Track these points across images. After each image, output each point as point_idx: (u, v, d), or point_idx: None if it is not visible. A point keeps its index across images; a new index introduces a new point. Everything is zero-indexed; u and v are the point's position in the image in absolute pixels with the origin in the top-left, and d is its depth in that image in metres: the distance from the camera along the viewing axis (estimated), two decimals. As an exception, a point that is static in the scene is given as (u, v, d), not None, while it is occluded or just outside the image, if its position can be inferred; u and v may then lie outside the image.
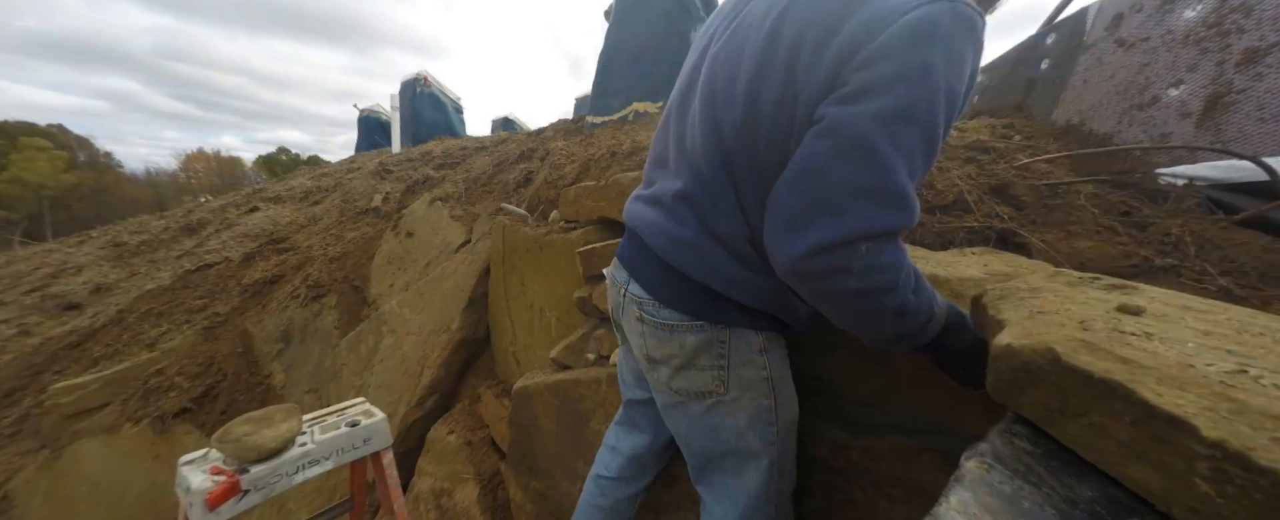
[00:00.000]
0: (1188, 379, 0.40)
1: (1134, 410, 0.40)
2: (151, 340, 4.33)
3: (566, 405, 1.89)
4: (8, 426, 4.05)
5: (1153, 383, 0.40)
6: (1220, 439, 0.34)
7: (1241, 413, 0.36)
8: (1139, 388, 0.40)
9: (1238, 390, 0.38)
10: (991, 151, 1.69)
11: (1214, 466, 0.35)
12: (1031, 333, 0.53)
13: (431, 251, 3.62)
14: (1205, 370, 0.41)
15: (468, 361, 3.03)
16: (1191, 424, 0.36)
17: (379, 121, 10.48)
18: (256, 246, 5.26)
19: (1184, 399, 0.38)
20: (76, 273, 6.27)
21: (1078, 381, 0.44)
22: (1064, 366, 0.46)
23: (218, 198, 8.88)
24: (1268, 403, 0.36)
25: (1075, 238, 1.29)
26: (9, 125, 32.07)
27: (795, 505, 1.27)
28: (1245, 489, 0.33)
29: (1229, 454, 0.34)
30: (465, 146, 6.15)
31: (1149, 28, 1.67)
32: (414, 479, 2.61)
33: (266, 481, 1.37)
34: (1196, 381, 0.40)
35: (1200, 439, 0.35)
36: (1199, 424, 0.35)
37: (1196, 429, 0.35)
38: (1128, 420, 0.40)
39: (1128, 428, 0.40)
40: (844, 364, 1.28)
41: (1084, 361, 0.44)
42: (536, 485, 2.04)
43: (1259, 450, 0.33)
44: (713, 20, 1.01)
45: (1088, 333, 0.50)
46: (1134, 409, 0.40)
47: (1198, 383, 0.40)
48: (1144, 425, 0.39)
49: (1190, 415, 0.36)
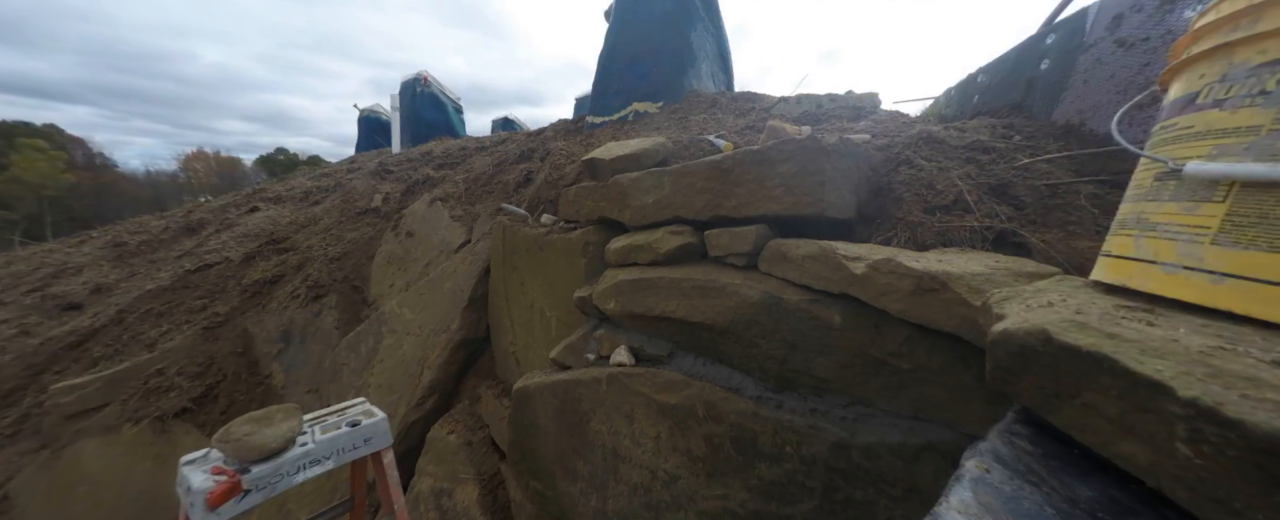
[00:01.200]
0: (1169, 350, 0.41)
1: (1120, 382, 0.41)
2: (151, 340, 4.32)
3: (566, 405, 1.89)
4: (8, 426, 4.04)
5: (1136, 353, 0.41)
6: (1194, 397, 0.36)
7: (1216, 375, 0.37)
8: (1122, 357, 0.41)
9: (1215, 358, 0.39)
10: (991, 151, 1.69)
11: (1190, 426, 0.36)
12: (1027, 318, 0.53)
13: (431, 251, 3.62)
14: (1188, 343, 0.42)
15: (468, 361, 3.03)
16: (1168, 385, 0.37)
17: (379, 121, 10.48)
18: (256, 246, 5.26)
19: (1163, 365, 0.39)
20: (76, 273, 6.27)
21: (1068, 359, 0.45)
22: (1056, 345, 0.47)
23: (218, 198, 8.87)
24: (1242, 368, 0.38)
25: (1075, 238, 1.29)
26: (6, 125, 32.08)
27: (795, 505, 1.27)
28: (1219, 446, 0.35)
29: (1202, 410, 0.35)
30: (465, 146, 6.15)
31: (1149, 28, 1.67)
32: (414, 479, 2.61)
33: (267, 481, 1.37)
34: (1177, 352, 0.41)
35: (1176, 399, 0.36)
36: (1175, 385, 0.37)
37: (1172, 390, 0.37)
38: (1115, 394, 0.41)
39: (1115, 401, 0.41)
40: (844, 364, 1.28)
41: (1073, 338, 0.45)
42: (536, 485, 2.04)
43: (1227, 405, 0.34)
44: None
45: (1081, 315, 0.50)
46: (1120, 380, 0.41)
47: (1178, 353, 0.41)
48: (1129, 396, 0.40)
49: (1167, 379, 0.38)
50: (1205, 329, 0.50)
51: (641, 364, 1.77)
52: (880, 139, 1.93)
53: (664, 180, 1.84)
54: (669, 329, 1.70)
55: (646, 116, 3.52)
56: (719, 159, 1.65)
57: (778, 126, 1.92)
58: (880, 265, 1.15)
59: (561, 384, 1.91)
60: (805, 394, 1.39)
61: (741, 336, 1.46)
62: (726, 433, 1.48)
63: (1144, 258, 0.59)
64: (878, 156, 1.79)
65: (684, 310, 1.60)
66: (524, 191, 3.48)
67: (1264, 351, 0.40)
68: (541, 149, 4.09)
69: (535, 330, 2.49)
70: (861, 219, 1.61)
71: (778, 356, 1.39)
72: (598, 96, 3.97)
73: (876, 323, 1.21)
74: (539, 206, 2.87)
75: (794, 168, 1.46)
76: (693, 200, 1.74)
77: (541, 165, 3.61)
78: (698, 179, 1.72)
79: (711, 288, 1.54)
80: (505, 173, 4.03)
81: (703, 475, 1.54)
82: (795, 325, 1.34)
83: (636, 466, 1.71)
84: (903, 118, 2.47)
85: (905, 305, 1.09)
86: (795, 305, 1.33)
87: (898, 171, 1.69)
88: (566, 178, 2.83)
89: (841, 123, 2.44)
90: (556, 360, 2.07)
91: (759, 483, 1.41)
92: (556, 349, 2.08)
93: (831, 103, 2.81)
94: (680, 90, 3.63)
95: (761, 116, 2.81)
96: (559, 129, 4.71)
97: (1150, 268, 0.57)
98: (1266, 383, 0.36)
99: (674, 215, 1.82)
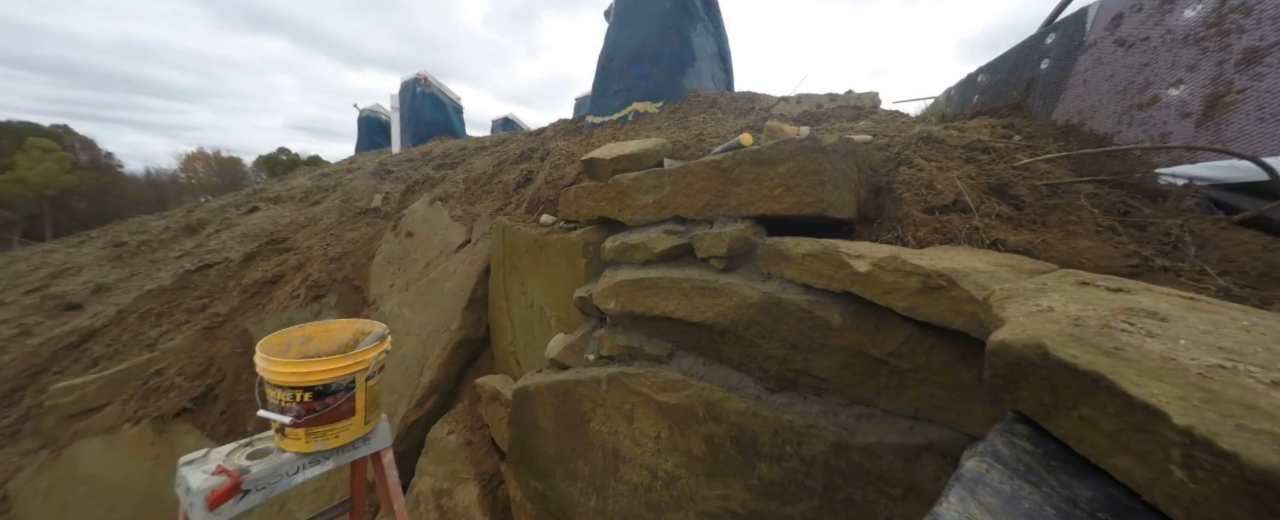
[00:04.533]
0: (1167, 371, 0.41)
1: (1116, 401, 0.41)
2: (151, 340, 4.32)
3: (566, 405, 1.89)
4: (8, 426, 4.04)
5: (1133, 374, 0.41)
6: (1189, 425, 0.36)
7: (1213, 401, 0.37)
8: (1119, 379, 0.41)
9: (1213, 381, 0.39)
10: (991, 151, 1.69)
11: (1185, 453, 0.36)
12: (1025, 329, 0.53)
13: (431, 251, 3.62)
14: (1187, 363, 0.42)
15: (468, 361, 3.03)
16: (1164, 411, 0.37)
17: (379, 121, 10.48)
18: (256, 246, 5.26)
19: (1160, 389, 0.39)
20: (76, 273, 6.27)
21: (1066, 375, 0.45)
22: (1053, 360, 0.46)
23: (218, 198, 8.87)
24: (1240, 393, 0.37)
25: (1075, 238, 1.29)
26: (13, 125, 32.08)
27: (795, 505, 1.27)
28: (1213, 473, 0.34)
29: (1196, 439, 0.35)
30: (465, 146, 6.15)
31: (1149, 28, 1.67)
32: (414, 479, 2.60)
33: (267, 481, 1.37)
34: (1175, 373, 0.41)
35: (1171, 426, 0.36)
36: (1171, 411, 0.37)
37: (1168, 416, 0.37)
38: (1111, 411, 0.41)
39: (1112, 419, 0.41)
40: (844, 364, 1.28)
41: (1070, 355, 0.45)
42: (536, 485, 2.03)
43: (1222, 436, 0.34)
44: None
45: (1079, 328, 0.50)
46: (1116, 400, 0.41)
47: (1176, 375, 0.41)
48: (1125, 416, 0.40)
49: (1163, 404, 0.37)
50: (1207, 337, 0.49)
51: (641, 364, 1.77)
52: (880, 139, 1.93)
53: (664, 180, 1.84)
54: (669, 329, 1.70)
55: (646, 116, 3.52)
56: (719, 159, 1.65)
57: (777, 126, 1.92)
58: (885, 263, 1.14)
59: (561, 384, 1.91)
60: (805, 394, 1.39)
61: (741, 336, 1.46)
62: (726, 433, 1.48)
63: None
64: (878, 156, 1.79)
65: (684, 310, 1.60)
66: (524, 191, 3.48)
67: (1264, 370, 0.40)
68: (541, 149, 4.09)
69: (535, 330, 2.49)
70: (862, 218, 1.61)
71: (778, 356, 1.39)
72: (598, 96, 3.97)
73: (877, 322, 1.21)
74: (539, 206, 2.87)
75: (794, 168, 1.46)
76: (693, 200, 1.74)
77: (541, 165, 3.61)
78: (698, 179, 1.72)
79: (711, 288, 1.54)
80: (505, 173, 4.03)
81: (703, 475, 1.54)
82: (795, 325, 1.33)
83: (636, 466, 1.71)
84: (903, 117, 2.47)
85: (911, 303, 1.09)
86: (795, 305, 1.33)
87: (898, 171, 1.69)
88: (566, 178, 2.83)
89: (841, 123, 2.44)
90: (556, 360, 2.06)
91: (759, 482, 1.41)
92: (557, 349, 2.08)
93: (831, 102, 2.81)
94: (680, 90, 3.63)
95: (762, 116, 2.81)
96: (559, 129, 4.71)
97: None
98: (1263, 411, 0.35)
99: (674, 215, 1.82)
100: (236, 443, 1.52)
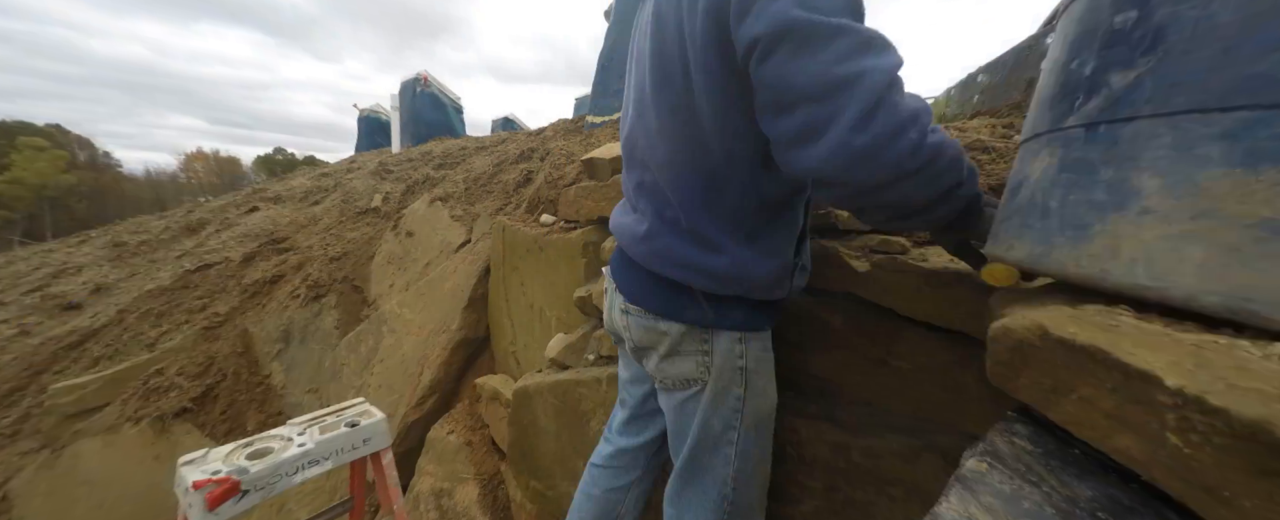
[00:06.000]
0: (1162, 343, 0.42)
1: (1113, 374, 0.41)
2: (151, 340, 4.33)
3: (567, 405, 1.89)
4: (8, 426, 4.05)
5: (1129, 345, 0.42)
6: (1180, 385, 0.36)
7: (1206, 366, 0.37)
8: (1115, 349, 0.41)
9: (1208, 350, 0.40)
10: (991, 151, 1.69)
11: (1178, 415, 0.36)
12: (1026, 314, 0.53)
13: (431, 251, 3.62)
14: (1181, 337, 0.42)
15: (468, 361, 3.03)
16: (1157, 375, 0.38)
17: (379, 121, 10.49)
18: (256, 246, 5.26)
19: (1155, 357, 0.40)
20: (76, 273, 6.27)
21: (1065, 352, 0.46)
22: (1052, 339, 0.47)
23: (218, 198, 8.88)
24: (1234, 359, 0.38)
25: (1075, 237, 1.29)
26: (7, 124, 32.05)
27: (795, 505, 1.27)
28: (1206, 434, 0.35)
29: (1188, 399, 0.36)
30: (465, 146, 6.15)
31: (1149, 27, 1.67)
32: (414, 479, 2.61)
33: (266, 481, 1.37)
34: (1170, 345, 0.41)
35: (1164, 388, 0.37)
36: (1164, 374, 0.37)
37: (1161, 379, 0.37)
38: (1109, 387, 0.42)
39: (1109, 395, 0.42)
40: (844, 364, 1.28)
41: (1069, 332, 0.46)
42: (536, 485, 2.04)
43: (1213, 394, 0.35)
44: None
45: (1078, 311, 0.51)
46: (1113, 373, 0.41)
47: (1171, 346, 0.41)
48: (1122, 389, 0.41)
49: (1157, 369, 0.38)
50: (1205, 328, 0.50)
51: (641, 364, 1.77)
52: (880, 139, 1.92)
53: (664, 180, 1.84)
54: (669, 329, 1.70)
55: (646, 116, 3.52)
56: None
57: (778, 126, 1.92)
58: (885, 263, 1.15)
59: (561, 384, 1.91)
60: (805, 394, 1.39)
61: (741, 336, 1.46)
62: (726, 433, 1.48)
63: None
64: (878, 156, 1.79)
65: (684, 310, 1.60)
66: (524, 191, 3.48)
67: (1256, 344, 0.40)
68: (541, 149, 4.09)
69: (535, 330, 2.49)
70: (861, 219, 1.61)
71: (778, 356, 1.39)
72: (598, 96, 3.97)
73: (877, 322, 1.21)
74: (539, 206, 2.87)
75: (794, 167, 1.46)
76: (693, 200, 1.74)
77: (541, 165, 3.61)
78: (698, 179, 1.72)
79: (711, 287, 1.54)
80: (505, 173, 4.03)
81: (702, 475, 1.54)
82: (795, 325, 1.34)
83: (636, 466, 1.71)
84: (903, 117, 2.47)
85: (913, 302, 1.09)
86: (796, 306, 1.33)
87: (898, 171, 1.68)
88: (566, 178, 2.83)
89: (841, 122, 2.43)
90: (556, 360, 2.06)
91: (759, 483, 1.41)
92: (556, 349, 2.08)
93: (831, 102, 2.81)
94: (680, 90, 3.62)
95: (761, 116, 2.80)
96: (559, 129, 4.71)
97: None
98: (1254, 372, 0.36)
99: (674, 215, 1.81)
100: (236, 443, 1.52)
